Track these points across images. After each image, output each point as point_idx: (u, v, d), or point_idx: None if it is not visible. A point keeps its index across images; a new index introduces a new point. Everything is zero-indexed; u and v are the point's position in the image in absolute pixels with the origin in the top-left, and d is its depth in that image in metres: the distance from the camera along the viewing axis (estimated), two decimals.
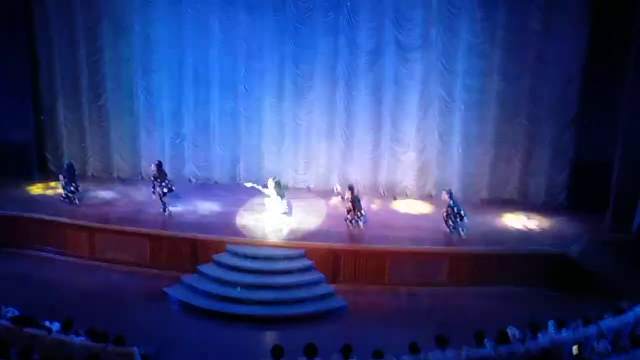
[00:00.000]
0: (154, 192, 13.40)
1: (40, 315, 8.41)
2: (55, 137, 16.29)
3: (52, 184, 14.93)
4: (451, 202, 12.66)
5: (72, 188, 13.86)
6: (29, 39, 15.54)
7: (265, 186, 13.18)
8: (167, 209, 13.41)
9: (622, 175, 13.05)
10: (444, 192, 13.07)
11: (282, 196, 13.22)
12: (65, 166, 14.14)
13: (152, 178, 13.47)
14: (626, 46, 12.71)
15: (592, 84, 13.58)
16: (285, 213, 13.31)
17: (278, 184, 13.09)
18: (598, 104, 13.45)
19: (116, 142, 16.16)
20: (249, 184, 13.70)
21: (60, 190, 14.06)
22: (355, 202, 12.86)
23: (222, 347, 9.84)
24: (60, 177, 14.12)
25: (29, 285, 11.59)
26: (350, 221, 12.91)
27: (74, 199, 13.86)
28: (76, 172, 14.35)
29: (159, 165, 13.43)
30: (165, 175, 13.47)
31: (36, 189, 15.00)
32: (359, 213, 12.86)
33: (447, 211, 12.72)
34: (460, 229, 12.64)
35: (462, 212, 12.63)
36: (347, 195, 12.92)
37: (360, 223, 12.90)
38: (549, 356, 7.42)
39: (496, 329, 8.17)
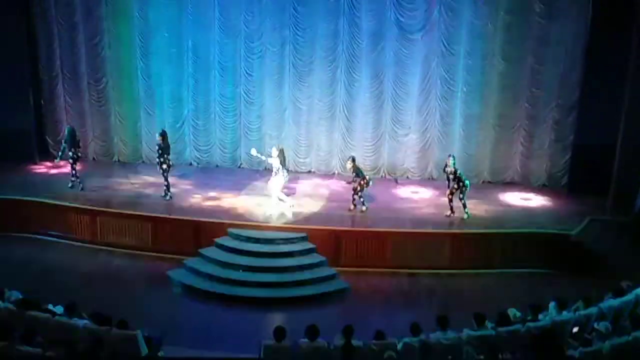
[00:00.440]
0: (160, 165, 13.14)
1: (43, 299, 8.45)
2: (55, 121, 16.30)
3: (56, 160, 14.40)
4: (453, 169, 12.51)
5: (72, 154, 13.58)
6: (28, 23, 15.48)
7: (269, 155, 12.95)
8: (168, 193, 13.40)
9: (622, 158, 13.03)
10: (449, 158, 12.74)
11: (284, 165, 12.92)
12: (66, 132, 13.90)
13: (157, 148, 13.19)
14: (629, 30, 12.60)
15: (594, 67, 13.49)
16: (285, 182, 13.00)
17: (282, 152, 12.87)
18: (600, 87, 13.37)
19: (117, 126, 16.17)
20: (254, 152, 13.27)
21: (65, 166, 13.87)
22: (358, 172, 12.72)
23: (225, 329, 9.90)
24: (62, 143, 13.88)
25: (32, 269, 11.63)
26: (354, 201, 12.86)
27: (78, 183, 13.80)
28: (78, 137, 14.03)
29: (164, 135, 13.13)
30: (169, 146, 13.22)
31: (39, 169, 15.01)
32: (363, 182, 12.69)
33: (450, 188, 12.62)
34: (464, 208, 12.63)
35: (463, 178, 12.53)
36: (349, 165, 12.74)
37: (365, 206, 12.88)
38: (549, 336, 7.45)
39: (497, 310, 8.22)
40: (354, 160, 12.86)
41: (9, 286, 8.91)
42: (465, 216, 12.65)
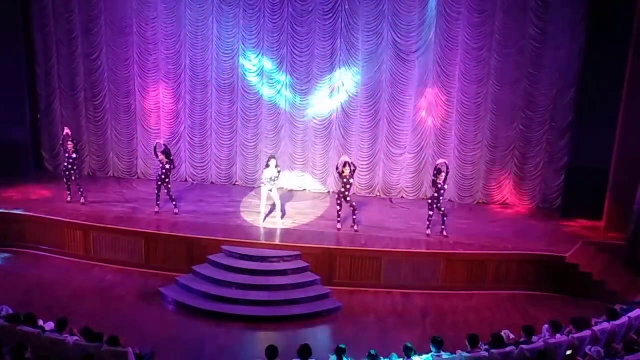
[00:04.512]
0: (168, 183, 13.21)
1: (34, 315, 8.39)
2: (51, 135, 16.31)
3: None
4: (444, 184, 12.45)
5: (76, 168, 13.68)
6: (26, 37, 15.57)
7: (267, 165, 13.02)
8: (176, 206, 13.53)
9: (616, 180, 13.12)
10: (443, 162, 12.71)
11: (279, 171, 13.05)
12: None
13: (166, 163, 13.10)
14: (623, 52, 12.78)
15: (588, 89, 13.60)
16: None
17: (273, 157, 13.09)
18: (594, 109, 13.50)
19: (113, 141, 16.19)
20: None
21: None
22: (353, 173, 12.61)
23: (217, 347, 9.83)
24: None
25: (24, 284, 11.54)
26: (355, 219, 12.86)
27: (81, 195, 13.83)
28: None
29: (167, 150, 13.29)
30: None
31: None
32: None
33: (436, 193, 12.46)
34: (442, 225, 12.66)
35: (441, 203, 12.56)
36: (347, 170, 12.41)
37: (356, 225, 12.91)
38: (542, 358, 7.44)
39: (491, 332, 8.21)
40: (349, 164, 12.60)
41: (1, 301, 8.85)
42: (445, 233, 12.71)
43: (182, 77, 15.61)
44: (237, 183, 16.05)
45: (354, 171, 12.70)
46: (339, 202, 12.79)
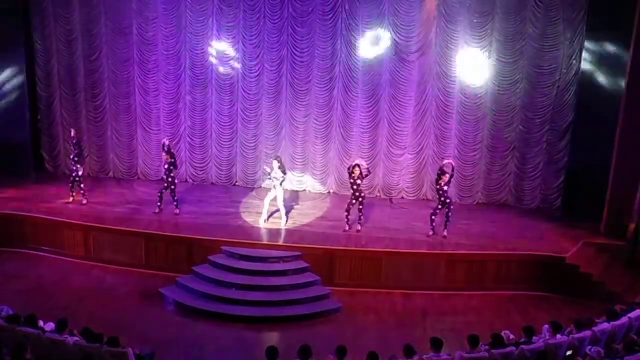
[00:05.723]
0: (171, 183, 13.21)
1: (34, 315, 8.39)
2: (51, 136, 16.33)
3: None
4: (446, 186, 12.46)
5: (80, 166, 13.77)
6: (26, 38, 15.56)
7: (270, 168, 13.07)
8: (177, 206, 13.52)
9: (616, 181, 13.11)
10: (449, 162, 12.73)
11: (284, 172, 13.09)
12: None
13: (168, 165, 13.14)
14: (622, 52, 12.80)
15: (587, 90, 13.64)
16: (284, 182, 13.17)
17: (279, 160, 13.09)
18: (593, 110, 13.52)
19: (113, 142, 16.19)
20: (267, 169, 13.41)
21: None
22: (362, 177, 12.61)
23: (217, 348, 9.84)
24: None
25: (24, 285, 11.55)
26: (361, 217, 12.86)
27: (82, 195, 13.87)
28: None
29: (169, 149, 13.29)
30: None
31: None
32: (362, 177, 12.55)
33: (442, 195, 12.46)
34: (445, 225, 12.65)
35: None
36: (357, 171, 12.45)
37: (359, 225, 12.92)
38: (543, 359, 7.44)
39: (491, 332, 8.21)
40: (359, 166, 12.63)
41: (1, 301, 8.86)
42: (446, 233, 12.72)
43: (182, 77, 15.61)
44: (237, 183, 16.05)
45: (362, 174, 12.62)
46: (350, 202, 12.75)
